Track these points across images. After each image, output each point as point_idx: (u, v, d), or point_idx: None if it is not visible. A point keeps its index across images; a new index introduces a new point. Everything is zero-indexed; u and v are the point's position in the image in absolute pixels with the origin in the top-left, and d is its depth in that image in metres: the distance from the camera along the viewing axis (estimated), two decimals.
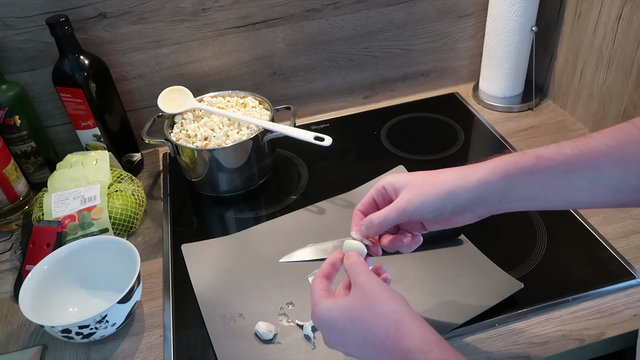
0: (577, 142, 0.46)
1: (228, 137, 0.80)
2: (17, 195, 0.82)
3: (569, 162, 0.45)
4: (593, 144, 0.45)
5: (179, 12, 0.87)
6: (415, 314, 0.45)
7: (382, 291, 0.46)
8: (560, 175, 0.46)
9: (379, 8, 0.96)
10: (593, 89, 0.90)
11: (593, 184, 0.45)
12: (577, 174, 0.45)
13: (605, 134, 0.45)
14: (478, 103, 1.04)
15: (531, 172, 0.46)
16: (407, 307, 0.45)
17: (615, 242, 0.70)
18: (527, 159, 0.47)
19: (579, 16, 0.90)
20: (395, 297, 0.46)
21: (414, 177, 0.51)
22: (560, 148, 0.46)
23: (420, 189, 0.49)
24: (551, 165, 0.46)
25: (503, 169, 0.47)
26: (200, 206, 0.85)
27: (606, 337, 0.59)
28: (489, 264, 0.67)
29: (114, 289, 0.65)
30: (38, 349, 0.63)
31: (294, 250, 0.73)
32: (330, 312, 0.47)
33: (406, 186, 0.51)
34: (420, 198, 0.49)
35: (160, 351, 0.62)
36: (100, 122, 0.84)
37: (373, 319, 0.44)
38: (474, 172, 0.48)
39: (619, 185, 0.45)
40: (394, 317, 0.44)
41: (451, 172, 0.50)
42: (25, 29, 0.81)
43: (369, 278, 0.47)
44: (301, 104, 1.03)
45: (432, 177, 0.50)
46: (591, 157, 0.45)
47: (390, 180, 0.52)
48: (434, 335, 0.43)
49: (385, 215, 0.50)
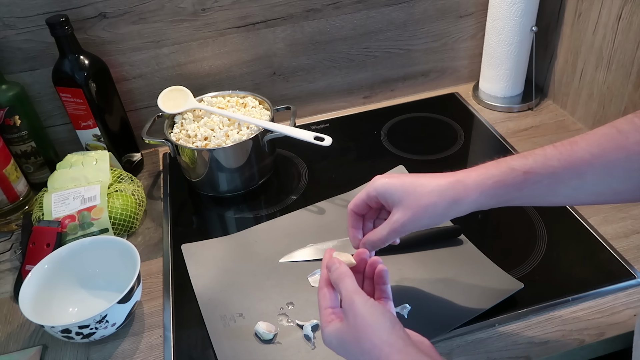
0: (563, 151, 0.47)
1: (228, 137, 0.80)
2: (17, 195, 0.82)
3: (556, 174, 0.47)
4: (578, 153, 0.46)
5: (179, 12, 0.87)
6: (395, 345, 0.43)
7: (364, 320, 0.44)
8: (546, 188, 0.48)
9: (379, 8, 0.96)
10: (593, 89, 0.90)
11: (577, 191, 0.47)
12: (563, 185, 0.47)
13: (590, 142, 0.46)
14: (478, 103, 1.04)
15: (519, 190, 0.48)
16: (388, 337, 0.43)
17: (615, 242, 0.70)
18: (515, 177, 0.48)
19: (579, 16, 0.90)
20: (377, 326, 0.44)
21: (406, 193, 0.52)
22: (547, 160, 0.47)
23: (413, 210, 0.51)
24: (538, 180, 0.47)
25: (493, 191, 0.49)
26: (200, 206, 0.85)
27: (606, 337, 0.59)
28: (489, 264, 0.67)
29: (114, 289, 0.65)
30: (38, 349, 0.63)
31: (294, 250, 0.73)
32: (331, 342, 0.48)
33: (400, 204, 0.52)
34: (413, 220, 0.51)
35: (160, 351, 0.62)
36: (100, 122, 0.84)
37: (361, 354, 0.44)
38: (465, 193, 0.50)
39: (601, 190, 0.47)
40: (375, 353, 0.43)
41: (442, 194, 0.50)
42: (25, 29, 0.81)
43: (353, 302, 0.46)
44: (301, 104, 1.03)
45: (423, 198, 0.51)
46: (577, 167, 0.46)
47: (382, 190, 0.53)
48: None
49: (384, 237, 0.53)
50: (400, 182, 0.53)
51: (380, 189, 0.53)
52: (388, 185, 0.53)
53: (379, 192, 0.53)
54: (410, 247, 0.69)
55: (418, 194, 0.51)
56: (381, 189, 0.53)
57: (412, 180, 0.52)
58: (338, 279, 0.49)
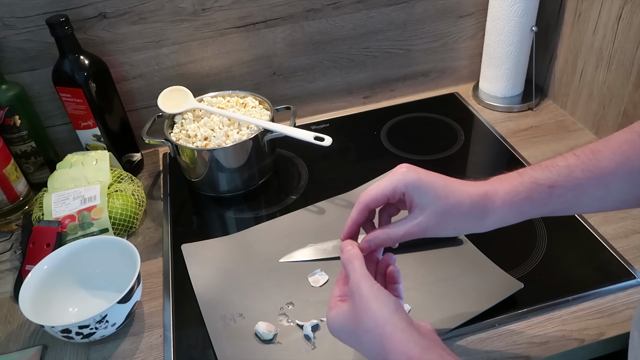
0: (587, 161, 0.46)
1: (228, 137, 0.80)
2: (17, 195, 0.82)
3: (581, 186, 0.46)
4: (602, 162, 0.45)
5: (179, 12, 0.87)
6: (398, 324, 0.43)
7: (368, 301, 0.44)
8: (572, 201, 0.46)
9: (379, 8, 0.96)
10: (593, 89, 0.90)
11: (602, 201, 0.47)
12: (588, 196, 0.46)
13: (613, 149, 0.45)
14: (478, 103, 1.04)
15: (544, 205, 0.47)
16: (391, 317, 0.43)
17: (615, 242, 0.70)
18: (541, 192, 0.46)
19: (579, 16, 0.90)
20: (380, 306, 0.44)
21: (437, 197, 0.47)
22: (571, 171, 0.46)
23: (440, 218, 0.47)
24: (564, 194, 0.46)
25: (519, 208, 0.47)
26: (200, 206, 0.85)
27: (606, 337, 0.59)
28: (489, 264, 0.67)
29: (114, 289, 0.65)
30: (38, 349, 0.64)
31: (294, 250, 0.73)
32: (333, 325, 0.48)
33: (428, 207, 0.47)
34: (436, 228, 0.48)
35: (160, 351, 0.62)
36: (100, 122, 0.84)
37: (363, 334, 0.44)
38: (493, 209, 0.47)
39: (625, 197, 0.46)
40: (377, 332, 0.43)
41: (471, 208, 0.47)
42: (25, 29, 0.81)
43: (359, 284, 0.45)
44: (301, 104, 1.03)
45: (454, 209, 0.47)
46: (601, 177, 0.45)
47: (415, 186, 0.48)
48: (417, 347, 0.42)
49: (398, 237, 0.49)
50: (431, 181, 0.48)
51: (413, 184, 0.48)
52: (421, 183, 0.48)
53: (410, 187, 0.48)
54: (410, 247, 0.69)
55: (450, 203, 0.47)
56: (414, 184, 0.48)
57: (444, 184, 0.48)
58: (347, 260, 0.48)
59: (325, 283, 0.67)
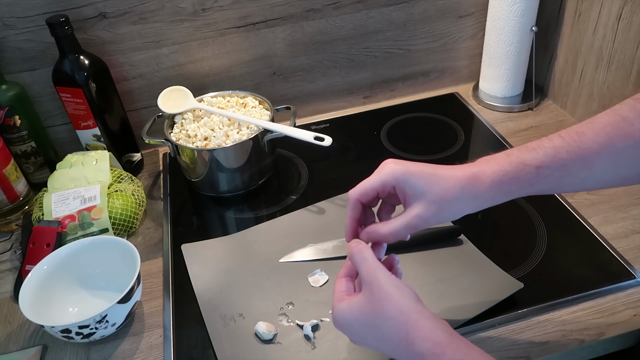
0: (571, 142, 0.46)
1: (228, 137, 0.80)
2: (17, 195, 0.82)
3: (566, 167, 0.46)
4: (586, 144, 0.46)
5: (179, 12, 0.87)
6: (423, 312, 0.44)
7: (389, 289, 0.45)
8: (557, 181, 0.47)
9: (379, 8, 0.96)
10: (593, 89, 0.90)
11: (585, 181, 0.47)
12: (573, 176, 0.47)
13: (596, 131, 0.46)
14: (478, 103, 1.04)
15: (531, 185, 0.48)
16: (415, 305, 0.44)
17: (615, 242, 0.70)
18: (528, 173, 0.47)
19: (579, 16, 0.90)
20: (403, 295, 0.45)
21: (429, 185, 0.48)
22: (556, 152, 0.47)
23: (437, 205, 0.48)
24: (550, 174, 0.47)
25: (507, 187, 0.48)
26: (200, 206, 0.85)
27: (606, 337, 0.59)
28: (489, 264, 0.67)
29: (114, 289, 0.65)
30: (38, 349, 0.64)
31: (294, 250, 0.73)
32: (345, 317, 0.47)
33: (423, 197, 0.48)
34: (436, 216, 0.48)
35: (160, 351, 0.62)
36: (100, 122, 0.84)
37: (383, 323, 0.44)
38: (482, 189, 0.48)
39: (608, 178, 0.47)
40: (402, 319, 0.43)
41: (463, 190, 0.48)
42: (25, 29, 0.81)
43: (375, 274, 0.46)
44: (301, 104, 1.03)
45: (447, 193, 0.48)
46: (585, 158, 0.46)
47: (404, 178, 0.48)
48: (444, 334, 0.43)
49: (398, 232, 0.49)
50: (419, 171, 0.48)
51: (401, 177, 0.48)
52: (410, 174, 0.48)
53: (399, 180, 0.48)
54: (410, 247, 0.69)
55: (442, 189, 0.47)
56: (402, 176, 0.48)
57: (432, 172, 0.48)
58: (358, 251, 0.48)
59: (325, 283, 0.67)
